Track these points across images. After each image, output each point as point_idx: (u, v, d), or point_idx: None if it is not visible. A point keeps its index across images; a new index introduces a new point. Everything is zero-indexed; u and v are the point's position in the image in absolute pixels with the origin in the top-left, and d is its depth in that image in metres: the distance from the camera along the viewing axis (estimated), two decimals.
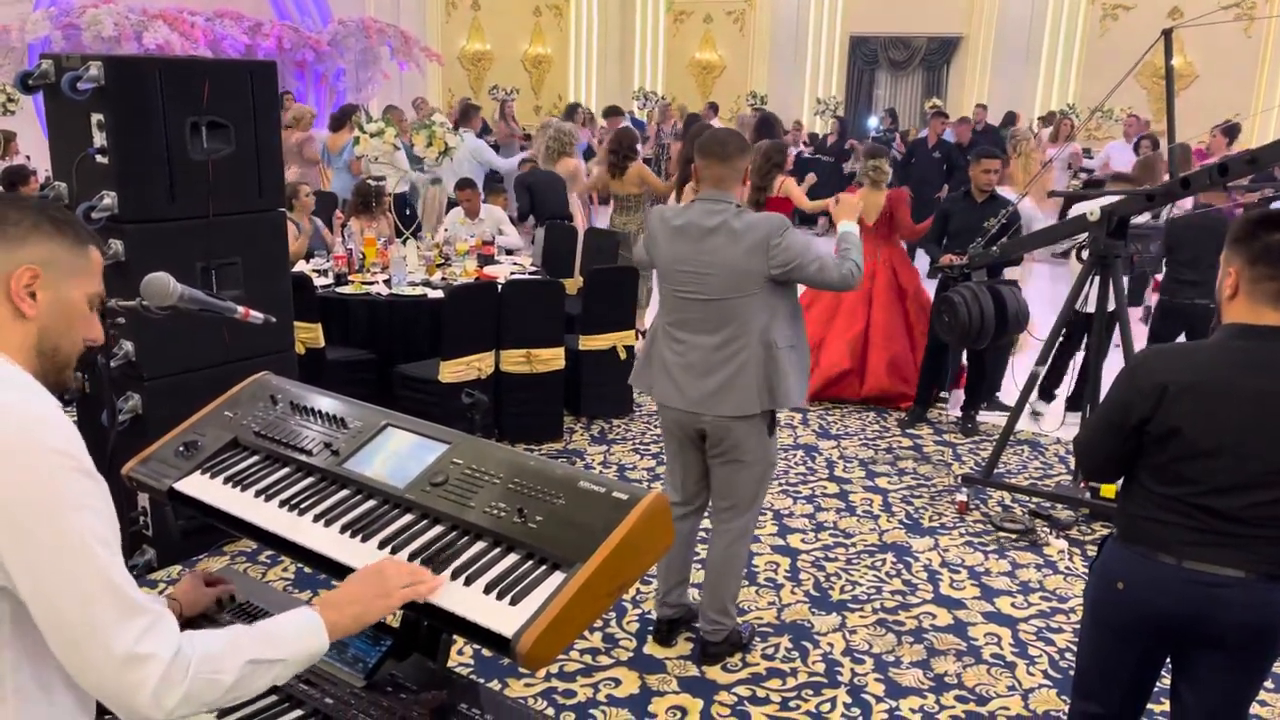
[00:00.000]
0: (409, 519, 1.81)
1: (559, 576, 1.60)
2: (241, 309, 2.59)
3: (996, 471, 5.25)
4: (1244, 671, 2.31)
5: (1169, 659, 2.43)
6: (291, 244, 5.59)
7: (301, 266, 6.22)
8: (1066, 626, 3.93)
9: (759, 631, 3.83)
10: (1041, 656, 3.73)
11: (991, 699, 3.47)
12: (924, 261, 7.13)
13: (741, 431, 3.37)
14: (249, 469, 2.03)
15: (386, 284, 5.95)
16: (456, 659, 3.53)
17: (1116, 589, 2.34)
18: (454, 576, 1.65)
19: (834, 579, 4.28)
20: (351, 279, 6.02)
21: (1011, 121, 13.65)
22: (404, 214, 7.61)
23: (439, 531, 1.76)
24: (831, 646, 3.75)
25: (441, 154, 6.95)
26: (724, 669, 3.58)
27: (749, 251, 3.24)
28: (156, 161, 3.88)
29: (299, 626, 1.52)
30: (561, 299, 5.75)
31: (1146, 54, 5.28)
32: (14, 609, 1.36)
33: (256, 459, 2.05)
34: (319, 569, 1.83)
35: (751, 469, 3.46)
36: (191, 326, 3.61)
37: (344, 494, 1.91)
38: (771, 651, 3.71)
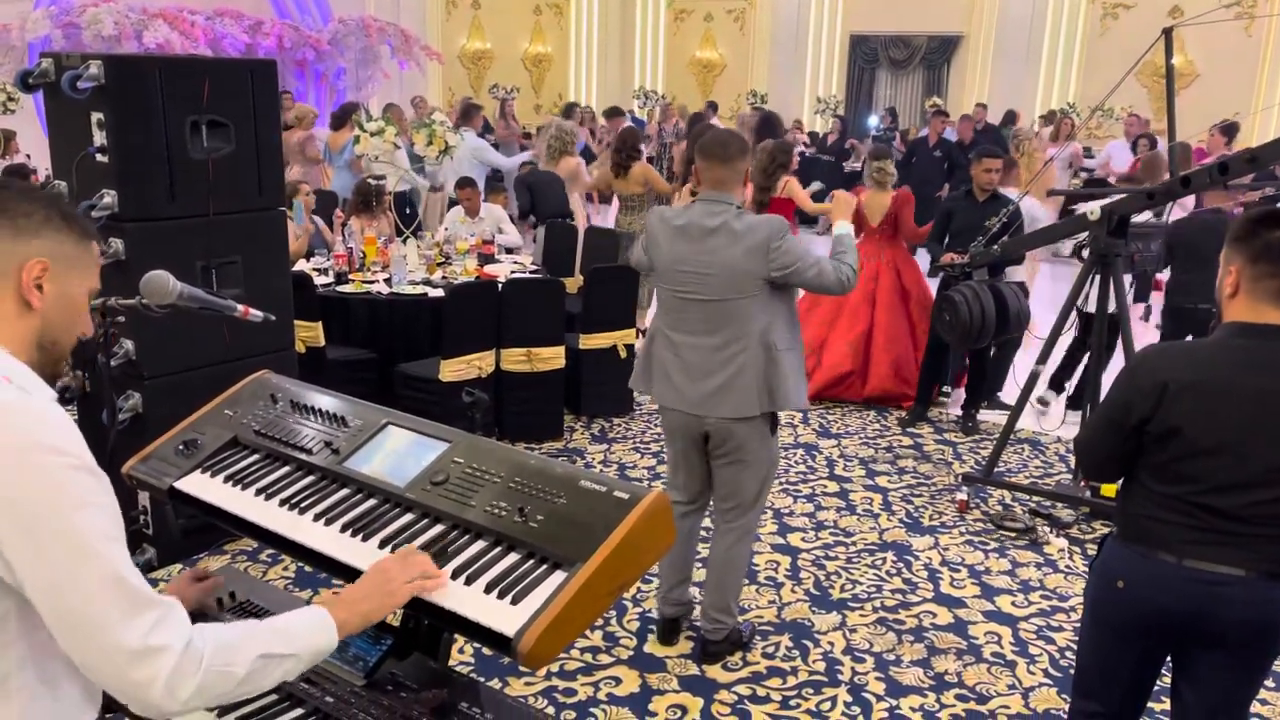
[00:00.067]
0: (409, 518, 1.81)
1: (560, 575, 1.60)
2: (241, 307, 2.59)
3: (997, 470, 5.26)
4: (1244, 670, 2.31)
5: (1169, 657, 2.43)
6: (291, 243, 5.59)
7: (302, 265, 6.22)
8: (1067, 625, 3.93)
9: (759, 630, 3.83)
10: (1042, 655, 3.73)
11: (992, 698, 3.47)
12: (924, 259, 7.13)
13: (744, 432, 3.37)
14: (249, 468, 2.03)
15: (387, 283, 5.95)
16: (457, 658, 3.53)
17: (1117, 588, 2.34)
18: (455, 576, 1.65)
19: (834, 578, 4.28)
20: (352, 278, 6.02)
21: (1012, 120, 13.64)
22: (404, 213, 7.62)
23: (439, 530, 1.76)
24: (832, 645, 3.76)
25: (442, 152, 6.95)
26: (724, 668, 3.58)
27: (749, 253, 3.24)
28: (156, 160, 3.88)
29: (308, 623, 1.53)
30: (562, 298, 5.75)
31: (1147, 53, 5.27)
32: (20, 606, 1.37)
33: (257, 458, 2.05)
34: (319, 568, 1.83)
35: (755, 469, 3.46)
36: (191, 325, 3.61)
37: (344, 493, 1.91)
38: (772, 650, 3.71)
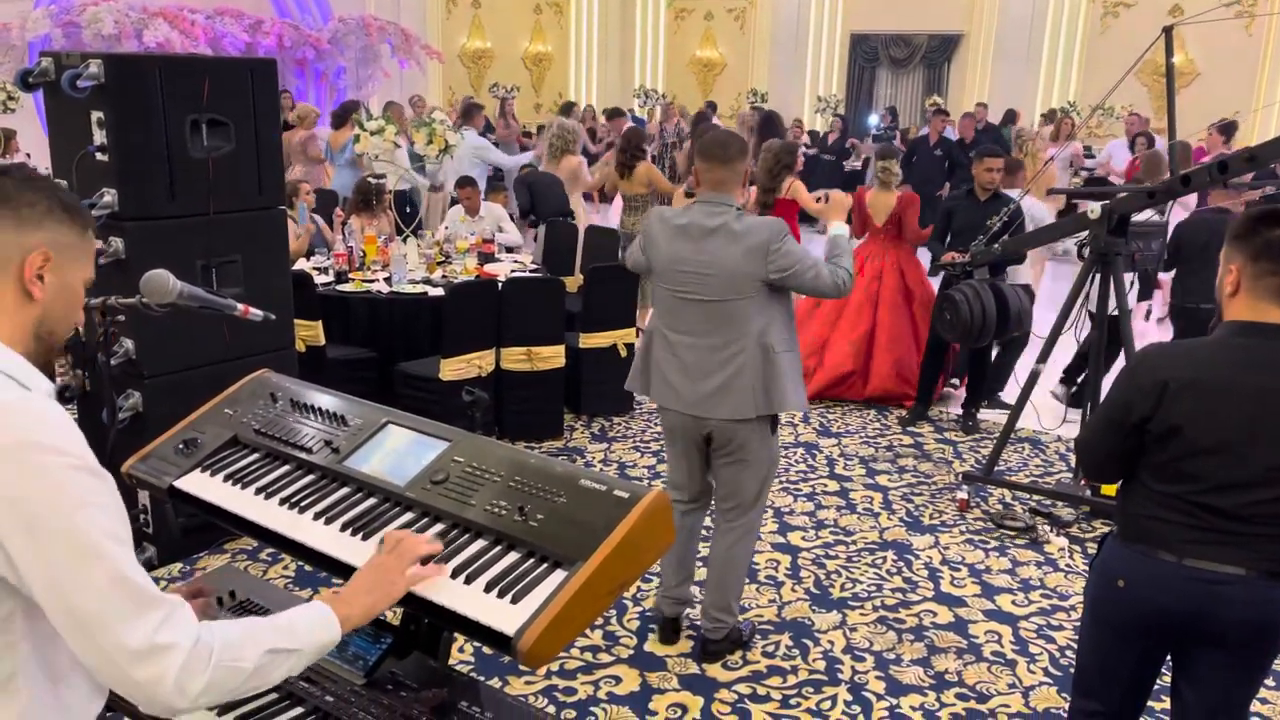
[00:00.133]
0: (409, 517, 1.81)
1: (560, 574, 1.60)
2: (241, 306, 2.59)
3: (997, 469, 5.26)
4: (1244, 669, 2.31)
5: (1169, 657, 2.43)
6: (292, 242, 5.59)
7: (302, 264, 6.22)
8: (1067, 624, 3.93)
9: (759, 629, 3.83)
10: (1042, 654, 3.73)
11: (992, 696, 3.47)
12: (925, 258, 7.13)
13: (746, 433, 3.37)
14: (249, 466, 2.03)
15: (387, 282, 5.95)
16: (457, 657, 3.53)
17: (1117, 587, 2.34)
18: (455, 574, 1.65)
19: (834, 577, 4.27)
20: (352, 277, 6.02)
21: (1012, 119, 13.63)
22: (404, 211, 7.61)
23: (439, 529, 1.76)
24: (832, 644, 3.75)
25: (442, 151, 6.95)
26: (724, 666, 3.58)
27: (748, 254, 3.24)
28: (156, 159, 3.87)
29: (311, 618, 1.54)
30: (562, 297, 5.75)
31: (1147, 52, 5.27)
32: (25, 605, 1.37)
33: (256, 456, 2.05)
34: (319, 567, 1.83)
35: (755, 468, 3.46)
36: (191, 324, 3.61)
37: (344, 492, 1.91)
38: (772, 649, 3.71)
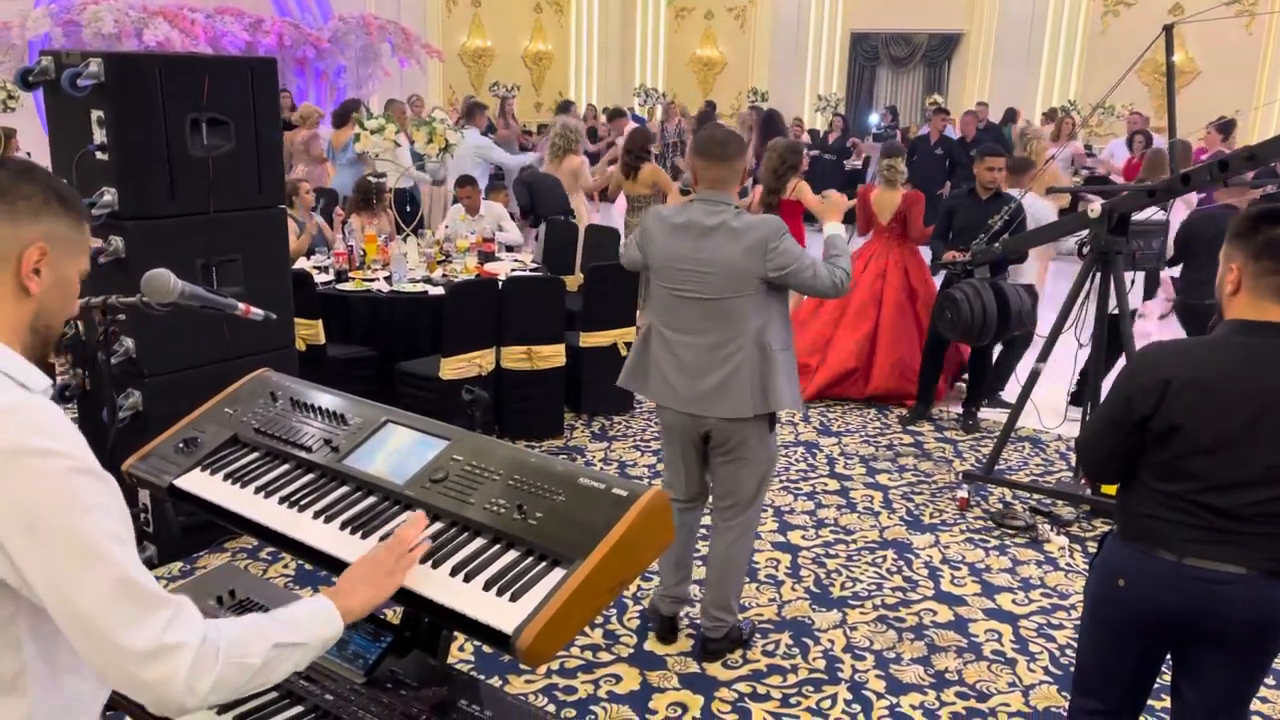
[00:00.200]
0: (409, 515, 1.81)
1: (559, 573, 1.60)
2: (242, 305, 2.60)
3: (997, 468, 5.26)
4: (1244, 668, 2.31)
5: (1169, 655, 2.43)
6: (293, 241, 5.59)
7: (302, 263, 6.22)
8: (1067, 623, 3.93)
9: (759, 628, 3.83)
10: (1042, 653, 3.73)
11: (992, 695, 3.47)
12: (926, 255, 7.13)
13: (745, 431, 3.37)
14: (249, 465, 2.03)
15: (387, 281, 5.95)
16: (457, 655, 3.53)
17: (1117, 586, 2.34)
18: (453, 573, 1.65)
19: (835, 575, 4.28)
20: (352, 276, 6.02)
21: (1012, 118, 13.62)
22: (404, 210, 7.61)
23: (439, 528, 1.76)
24: (832, 643, 3.76)
25: (442, 150, 6.95)
26: (724, 665, 3.58)
27: (747, 252, 3.24)
28: (156, 158, 3.87)
29: (314, 612, 1.54)
30: (562, 296, 5.75)
31: (1148, 50, 5.27)
32: (28, 604, 1.36)
33: (256, 455, 2.05)
34: (319, 565, 1.83)
35: (754, 467, 3.46)
36: (192, 323, 3.61)
37: (344, 490, 1.91)
38: (772, 648, 3.71)
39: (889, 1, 17.34)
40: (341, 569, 1.74)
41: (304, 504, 1.89)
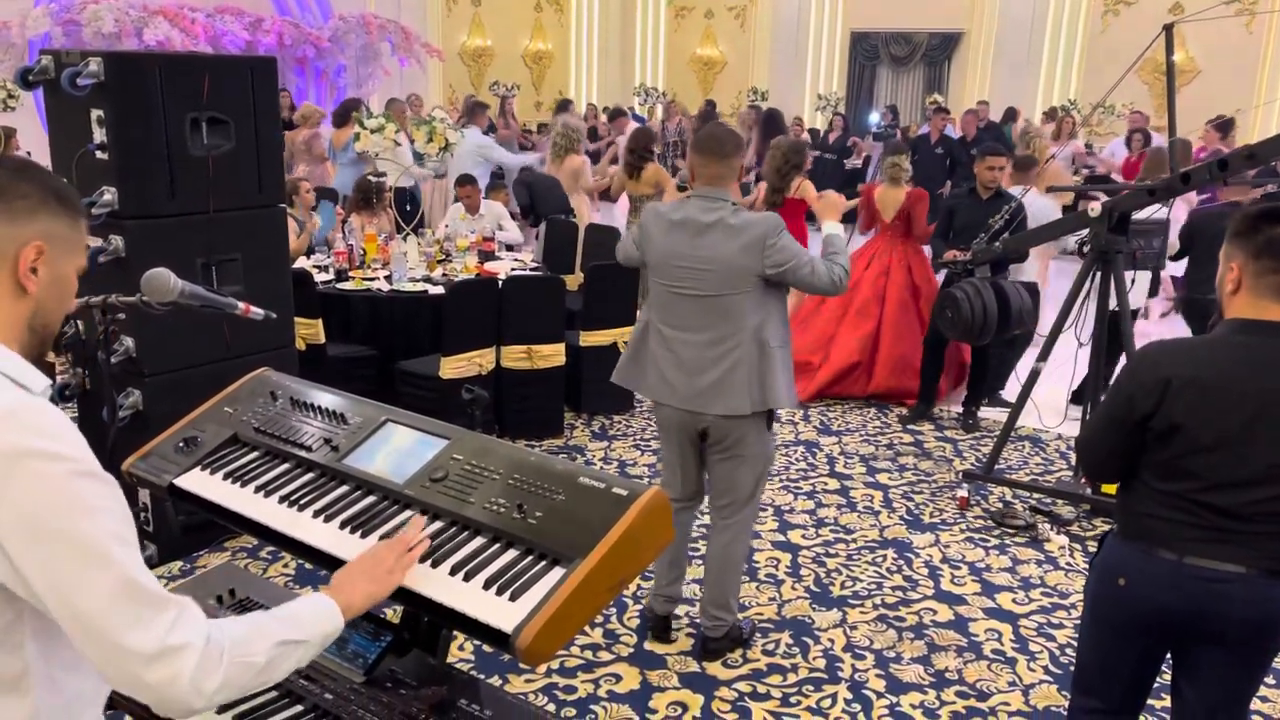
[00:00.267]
0: (408, 515, 1.81)
1: (559, 572, 1.60)
2: (242, 305, 2.60)
3: (998, 467, 5.26)
4: (1244, 667, 2.31)
5: (1169, 654, 2.43)
6: (292, 240, 5.59)
7: (302, 262, 6.22)
8: (1067, 622, 3.93)
9: (759, 627, 3.83)
10: (1042, 652, 3.73)
11: (992, 694, 3.47)
12: (926, 254, 7.15)
13: (743, 429, 3.37)
14: (249, 465, 2.03)
15: (387, 280, 5.95)
16: (456, 655, 3.53)
17: (1117, 585, 2.34)
18: (453, 572, 1.65)
19: (835, 575, 4.27)
20: (352, 275, 6.02)
21: (1012, 117, 13.62)
22: (405, 209, 7.61)
23: (438, 527, 1.76)
24: (832, 642, 3.76)
25: (442, 149, 6.95)
26: (724, 665, 3.58)
27: (745, 249, 3.25)
28: (156, 157, 3.87)
29: (315, 610, 1.54)
30: (562, 295, 5.75)
31: (1148, 49, 5.26)
32: (31, 606, 1.36)
33: (256, 455, 2.05)
34: (319, 564, 1.83)
35: (752, 464, 3.46)
36: (192, 322, 3.61)
37: (344, 490, 1.91)
38: (772, 647, 3.71)
39: (889, 1, 17.33)
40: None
41: (304, 503, 1.89)
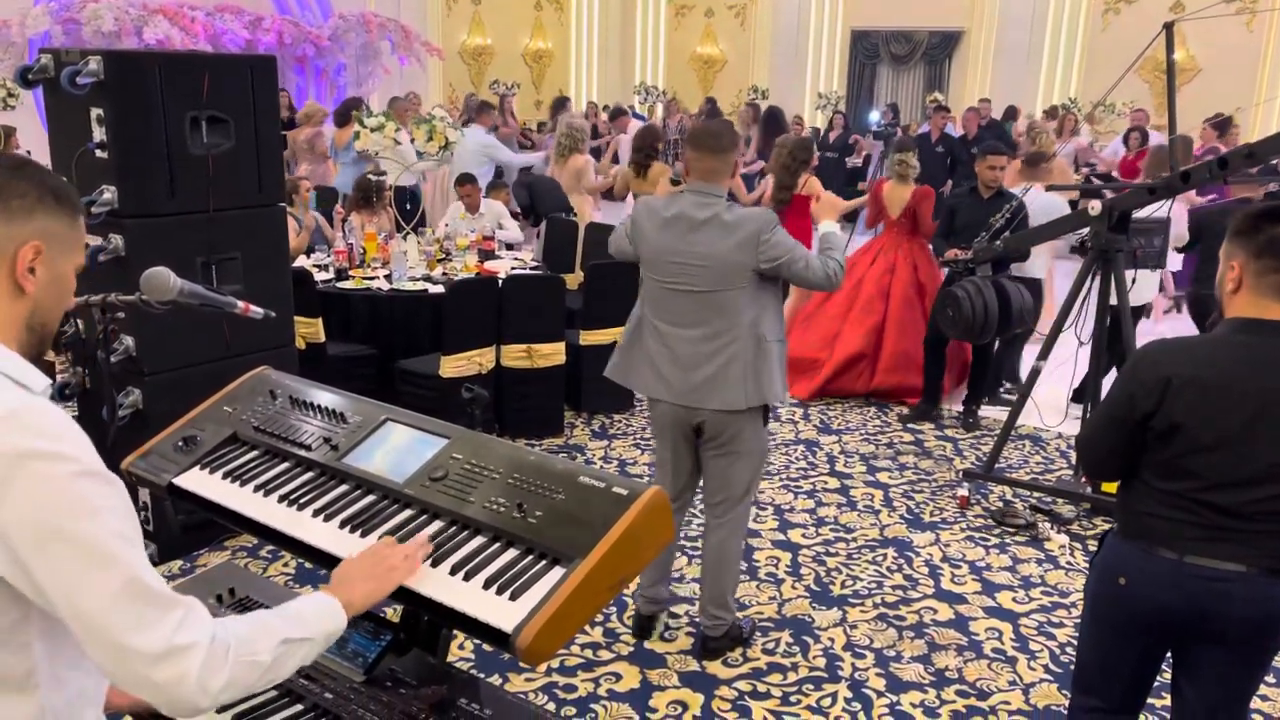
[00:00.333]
0: (408, 514, 1.81)
1: (559, 571, 1.60)
2: (241, 304, 2.59)
3: (998, 466, 5.25)
4: (1245, 666, 2.31)
5: (1169, 653, 2.43)
6: (292, 239, 5.58)
7: (302, 261, 6.22)
8: (1067, 621, 3.93)
9: (759, 626, 3.83)
10: (1042, 651, 3.73)
11: (992, 694, 3.47)
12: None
13: (738, 424, 3.37)
14: (248, 464, 2.02)
15: (387, 279, 5.95)
16: (456, 654, 3.53)
17: (1118, 584, 2.34)
18: (453, 571, 1.65)
19: (835, 574, 4.27)
20: (352, 274, 6.01)
21: (1013, 116, 13.62)
22: (405, 208, 7.61)
23: (438, 526, 1.76)
24: (832, 641, 3.75)
25: (442, 148, 6.95)
26: (724, 664, 3.58)
27: (740, 245, 3.24)
28: (156, 156, 3.87)
29: (318, 607, 1.53)
30: (562, 294, 5.75)
31: (1148, 48, 5.26)
32: (38, 606, 1.35)
33: (256, 454, 2.05)
34: (319, 564, 1.83)
35: (747, 460, 3.45)
36: (192, 321, 3.61)
37: (343, 489, 1.91)
38: (772, 646, 3.71)
39: None
40: None
41: (303, 502, 1.89)
